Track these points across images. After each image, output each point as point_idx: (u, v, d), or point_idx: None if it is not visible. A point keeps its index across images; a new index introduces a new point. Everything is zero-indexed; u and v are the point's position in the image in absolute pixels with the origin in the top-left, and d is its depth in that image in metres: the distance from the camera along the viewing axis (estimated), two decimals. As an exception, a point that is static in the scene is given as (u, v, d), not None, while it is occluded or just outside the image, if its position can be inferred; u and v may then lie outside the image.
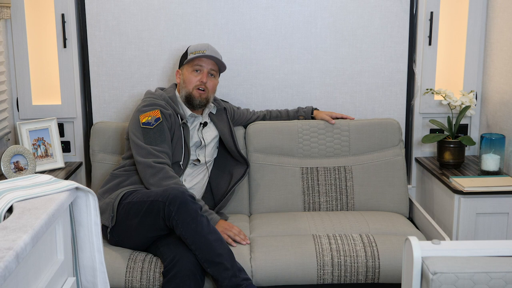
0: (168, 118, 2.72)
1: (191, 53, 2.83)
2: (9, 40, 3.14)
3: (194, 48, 2.86)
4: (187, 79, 2.81)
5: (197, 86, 2.79)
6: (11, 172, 2.90)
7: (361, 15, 3.21)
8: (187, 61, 2.83)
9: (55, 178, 1.77)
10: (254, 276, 2.52)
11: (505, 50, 3.02)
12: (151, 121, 2.67)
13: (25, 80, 3.19)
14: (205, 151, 2.91)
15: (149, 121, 2.67)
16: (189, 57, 2.82)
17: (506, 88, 3.02)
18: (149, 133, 2.66)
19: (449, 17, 3.26)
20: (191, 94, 2.80)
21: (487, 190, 2.78)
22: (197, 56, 2.80)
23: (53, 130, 3.14)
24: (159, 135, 2.67)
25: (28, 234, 1.36)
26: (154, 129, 2.66)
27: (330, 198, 3.06)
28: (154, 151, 2.63)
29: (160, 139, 2.67)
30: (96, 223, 1.82)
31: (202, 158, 2.90)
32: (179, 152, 2.77)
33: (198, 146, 2.89)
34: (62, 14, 3.11)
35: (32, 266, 1.48)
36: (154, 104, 2.73)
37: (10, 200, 1.58)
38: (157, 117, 2.68)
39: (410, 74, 3.29)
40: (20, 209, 1.53)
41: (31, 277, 1.47)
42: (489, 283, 1.63)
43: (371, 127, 3.13)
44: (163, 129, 2.68)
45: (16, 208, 1.54)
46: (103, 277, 1.87)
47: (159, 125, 2.67)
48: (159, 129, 2.67)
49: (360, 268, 2.53)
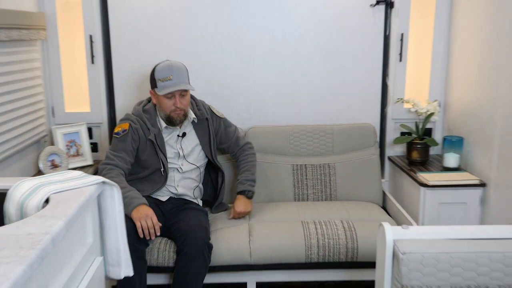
0: (135, 131, 2.62)
1: (159, 79, 2.59)
2: (45, 57, 3.14)
3: (160, 73, 2.60)
4: (162, 104, 2.61)
5: (172, 110, 2.60)
6: (47, 169, 2.91)
7: (343, 36, 3.21)
8: (157, 91, 2.61)
9: (85, 174, 1.78)
10: (252, 256, 2.53)
11: (464, 66, 3.02)
12: (120, 131, 2.62)
13: (59, 91, 3.19)
14: (185, 160, 2.72)
15: (118, 132, 2.63)
16: (158, 87, 2.60)
17: (465, 98, 3.03)
18: (114, 141, 2.63)
19: (416, 38, 3.26)
20: (169, 116, 2.62)
21: (448, 183, 2.79)
22: (165, 92, 2.56)
23: (83, 133, 3.15)
24: (121, 143, 2.60)
25: (63, 221, 1.37)
26: (119, 138, 2.61)
27: (316, 190, 3.06)
28: (110, 155, 2.57)
29: (120, 147, 2.60)
30: (120, 212, 1.83)
31: (185, 166, 2.71)
32: (156, 161, 2.65)
33: (177, 156, 2.71)
34: (90, 35, 3.12)
35: (66, 248, 1.48)
36: (127, 118, 2.67)
37: (47, 192, 1.59)
38: (125, 129, 2.61)
39: (383, 86, 3.29)
40: (55, 200, 1.54)
41: (65, 257, 1.48)
42: (450, 262, 1.64)
43: (350, 131, 3.13)
44: (126, 139, 2.60)
45: (52, 199, 1.55)
46: (126, 256, 1.88)
47: (124, 136, 2.60)
48: (122, 138, 2.60)
49: (341, 249, 2.53)
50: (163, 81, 2.58)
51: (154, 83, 2.63)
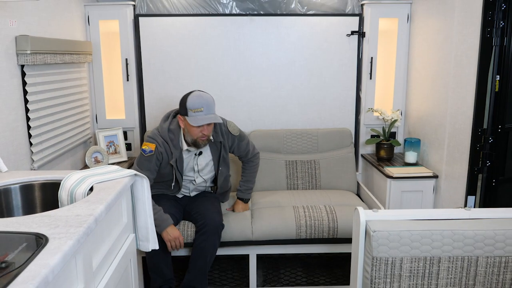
0: (160, 154, 2.37)
1: (190, 109, 2.30)
2: (91, 76, 3.14)
3: (192, 104, 2.30)
4: (190, 130, 2.35)
5: (199, 137, 2.35)
6: (92, 164, 2.90)
7: (325, 59, 3.21)
8: (188, 120, 2.34)
9: (121, 168, 1.78)
10: (253, 234, 2.52)
11: (420, 83, 3.02)
12: (146, 150, 2.36)
13: (101, 102, 3.19)
14: (199, 174, 2.53)
15: (145, 149, 2.37)
16: (189, 116, 2.32)
17: (421, 107, 3.02)
18: (141, 158, 2.37)
19: (383, 60, 3.26)
20: (196, 141, 2.37)
21: (409, 175, 2.78)
22: (197, 124, 2.30)
23: (119, 136, 3.14)
24: (147, 163, 2.36)
25: (103, 205, 1.37)
26: (146, 157, 2.36)
27: (304, 181, 3.05)
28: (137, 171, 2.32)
29: (146, 166, 2.36)
30: (148, 198, 1.83)
31: (198, 180, 2.54)
32: (170, 176, 2.46)
33: (193, 170, 2.52)
34: (126, 58, 3.11)
35: (106, 226, 1.48)
36: (154, 139, 2.38)
37: (91, 182, 1.59)
38: (151, 150, 2.35)
39: (357, 98, 3.28)
40: (98, 189, 1.54)
41: (106, 233, 1.47)
42: (410, 238, 1.63)
43: (332, 134, 3.12)
44: (151, 160, 2.36)
45: (95, 188, 1.55)
46: (153, 233, 1.88)
47: (150, 157, 2.35)
48: (148, 159, 2.35)
49: (324, 228, 2.52)
50: (195, 112, 2.29)
51: (185, 111, 2.33)
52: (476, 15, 2.35)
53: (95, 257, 1.34)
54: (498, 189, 2.45)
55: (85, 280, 1.22)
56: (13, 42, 2.11)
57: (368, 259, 1.66)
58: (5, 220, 1.23)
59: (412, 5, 3.13)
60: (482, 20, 2.31)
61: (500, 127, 2.39)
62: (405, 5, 3.14)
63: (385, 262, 1.64)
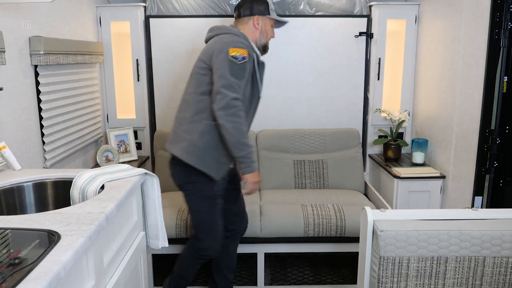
0: (251, 60, 2.04)
1: (271, 9, 2.13)
2: (102, 76, 3.16)
3: (270, 3, 2.15)
4: (269, 31, 2.15)
5: (270, 39, 2.18)
6: (103, 162, 2.92)
7: (333, 60, 3.20)
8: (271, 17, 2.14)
9: (131, 167, 1.79)
10: (262, 230, 2.52)
11: (428, 84, 3.00)
12: (238, 57, 1.96)
13: (112, 102, 3.21)
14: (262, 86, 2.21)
15: (236, 56, 1.96)
16: (275, 17, 2.14)
17: (428, 108, 3.00)
18: (234, 67, 1.95)
19: (391, 61, 3.24)
20: (267, 44, 2.18)
21: (416, 176, 2.77)
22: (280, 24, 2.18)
23: (130, 135, 3.16)
24: (242, 72, 1.97)
25: (114, 203, 1.37)
26: (239, 64, 1.96)
27: (312, 180, 3.05)
28: (236, 86, 1.94)
29: (242, 76, 1.97)
30: (158, 196, 1.83)
31: None
32: (257, 88, 2.14)
33: None
34: (137, 59, 3.13)
35: (117, 224, 1.49)
36: (244, 44, 2.02)
37: (102, 181, 1.59)
38: (244, 56, 1.97)
39: (365, 99, 3.27)
40: (108, 187, 1.54)
41: (116, 231, 1.48)
42: (417, 237, 1.62)
43: (339, 134, 3.11)
44: (245, 68, 1.98)
45: (106, 186, 1.56)
46: (163, 231, 1.89)
47: (244, 64, 1.97)
48: (242, 66, 1.97)
49: (332, 226, 2.52)
50: (275, 12, 2.21)
51: (265, 9, 2.12)
52: (484, 16, 2.33)
53: (106, 254, 1.35)
54: (506, 189, 2.43)
55: (96, 277, 1.23)
56: (26, 43, 2.13)
57: (376, 258, 1.65)
58: (18, 217, 1.24)
59: (420, 7, 3.11)
60: (490, 21, 2.29)
61: (508, 128, 2.37)
62: (413, 6, 3.13)
63: (392, 262, 1.63)
